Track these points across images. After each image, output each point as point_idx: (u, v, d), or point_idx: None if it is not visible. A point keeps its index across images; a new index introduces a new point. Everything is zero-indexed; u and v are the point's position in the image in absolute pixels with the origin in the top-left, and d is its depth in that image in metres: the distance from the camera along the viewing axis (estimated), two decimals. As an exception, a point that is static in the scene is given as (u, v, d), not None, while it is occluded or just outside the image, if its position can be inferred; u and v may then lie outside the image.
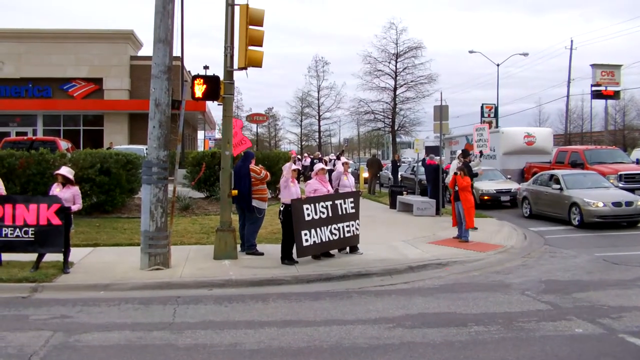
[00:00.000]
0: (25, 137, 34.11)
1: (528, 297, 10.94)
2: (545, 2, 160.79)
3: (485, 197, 26.02)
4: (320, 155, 47.39)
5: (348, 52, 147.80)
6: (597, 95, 56.59)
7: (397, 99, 52.23)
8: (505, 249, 15.76)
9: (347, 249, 14.81)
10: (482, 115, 54.00)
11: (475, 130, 23.96)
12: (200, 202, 23.88)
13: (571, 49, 60.62)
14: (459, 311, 10.04)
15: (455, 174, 16.99)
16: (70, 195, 12.60)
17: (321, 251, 14.02)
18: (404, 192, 25.08)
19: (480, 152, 23.43)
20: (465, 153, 20.89)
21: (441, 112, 23.99)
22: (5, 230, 12.20)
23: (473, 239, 16.69)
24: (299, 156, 51.23)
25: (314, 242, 13.61)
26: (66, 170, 12.91)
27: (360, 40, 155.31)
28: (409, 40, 52.34)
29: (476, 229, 17.44)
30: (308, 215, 13.51)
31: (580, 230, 19.53)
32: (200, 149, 58.20)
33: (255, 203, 14.44)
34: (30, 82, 43.50)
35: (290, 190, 13.63)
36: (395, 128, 53.15)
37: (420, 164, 29.71)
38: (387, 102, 53.25)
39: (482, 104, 55.25)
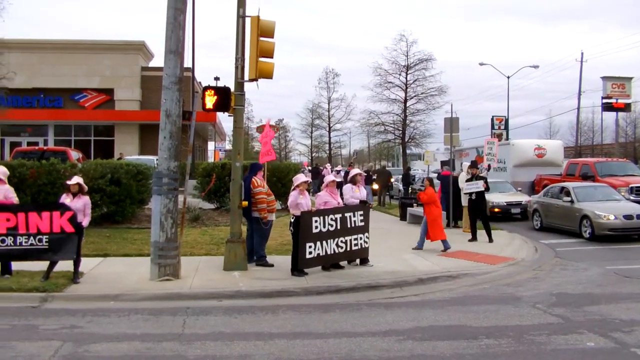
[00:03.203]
0: (36, 147, 34.24)
1: (539, 310, 10.87)
2: (557, 13, 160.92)
3: (496, 210, 25.93)
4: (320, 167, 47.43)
5: (358, 64, 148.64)
6: (607, 107, 56.47)
7: (407, 111, 52.24)
8: (515, 262, 15.68)
9: (357, 260, 14.76)
10: (493, 128, 53.94)
11: (487, 143, 23.90)
12: (210, 213, 23.90)
13: (582, 61, 60.57)
14: (469, 324, 9.97)
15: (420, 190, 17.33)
16: (81, 205, 12.65)
17: (324, 263, 13.99)
18: (415, 204, 25.00)
19: (489, 165, 23.35)
20: (474, 164, 20.86)
21: (451, 124, 23.98)
22: (19, 239, 12.26)
23: (484, 251, 16.64)
24: (309, 168, 51.19)
25: (318, 254, 13.57)
26: (80, 180, 12.96)
27: (370, 52, 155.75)
28: (419, 52, 52.41)
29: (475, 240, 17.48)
30: (316, 227, 13.48)
31: (591, 243, 19.42)
32: (211, 160, 58.36)
33: (255, 214, 14.42)
34: (42, 92, 43.73)
35: (301, 202, 13.63)
36: (406, 140, 53.11)
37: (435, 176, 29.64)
38: (397, 114, 53.27)
39: (493, 116, 55.19)
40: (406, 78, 52.04)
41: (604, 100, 55.64)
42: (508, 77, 54.90)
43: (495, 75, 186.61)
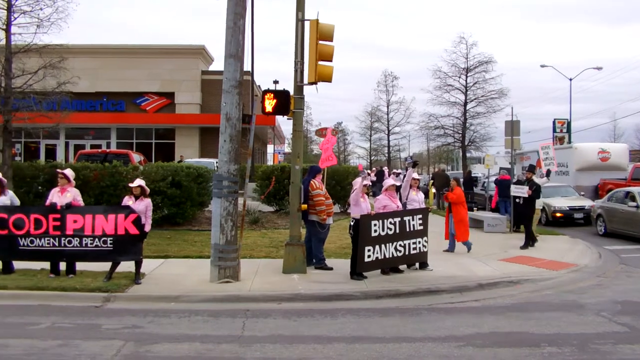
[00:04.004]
0: (99, 150, 34.84)
1: (604, 318, 10.60)
2: (624, 13, 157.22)
3: (558, 214, 25.46)
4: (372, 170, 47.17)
5: (417, 67, 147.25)
6: (674, 110, 54.87)
7: (467, 114, 51.64)
8: (578, 268, 15.36)
9: (417, 265, 14.65)
10: (554, 131, 52.88)
11: (541, 148, 23.39)
12: (270, 215, 24.03)
13: (648, 62, 59.01)
14: (531, 331, 9.78)
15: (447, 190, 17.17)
16: (143, 207, 12.85)
17: (383, 267, 13.93)
18: (474, 209, 24.69)
19: (548, 170, 22.85)
20: (531, 168, 20.50)
21: (512, 128, 23.64)
22: (85, 240, 12.58)
23: (545, 256, 16.35)
24: (369, 171, 51.03)
25: (377, 257, 13.52)
26: (142, 183, 13.17)
27: (429, 55, 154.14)
28: (479, 54, 51.72)
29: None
30: (375, 231, 13.43)
31: (658, 250, 18.87)
32: (270, 163, 58.67)
33: (313, 217, 14.45)
34: (105, 96, 44.53)
35: (361, 205, 13.59)
36: (466, 143, 52.53)
37: (492, 180, 29.26)
38: (457, 117, 52.68)
39: (554, 119, 54.08)
40: (466, 81, 51.45)
41: (671, 103, 54.11)
42: (570, 79, 53.84)
43: (557, 77, 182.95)
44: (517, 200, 19.34)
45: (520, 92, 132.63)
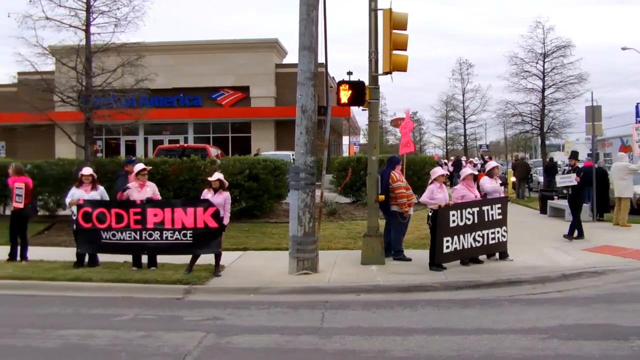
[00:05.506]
0: (177, 145, 35.47)
1: (696, 310, 10.18)
2: None
3: (645, 202, 24.47)
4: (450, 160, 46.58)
5: (492, 54, 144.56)
6: None
7: (545, 100, 50.39)
8: (668, 258, 14.77)
9: (497, 255, 14.39)
10: (637, 115, 51.31)
11: (635, 129, 22.49)
12: (347, 207, 23.98)
13: None
14: (618, 323, 9.42)
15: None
16: (222, 201, 13.01)
17: (461, 258, 13.71)
18: (555, 197, 24.06)
19: None
20: (574, 155, 19.72)
21: (593, 113, 22.94)
22: (166, 234, 12.81)
23: (631, 245, 15.81)
24: (445, 160, 50.51)
25: (455, 248, 13.31)
26: (221, 176, 13.33)
27: (503, 41, 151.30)
28: (556, 39, 50.14)
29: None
30: (453, 221, 13.23)
31: None
32: (345, 154, 58.66)
33: (394, 208, 14.34)
34: (181, 92, 45.32)
35: (439, 195, 13.43)
36: (545, 130, 51.38)
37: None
38: (535, 104, 51.39)
39: (637, 103, 52.47)
40: (543, 66, 50.04)
41: None
42: (654, 62, 52.12)
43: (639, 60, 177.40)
44: (566, 190, 18.60)
45: (601, 76, 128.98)
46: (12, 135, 45.54)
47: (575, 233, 17.22)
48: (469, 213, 13.50)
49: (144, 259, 13.58)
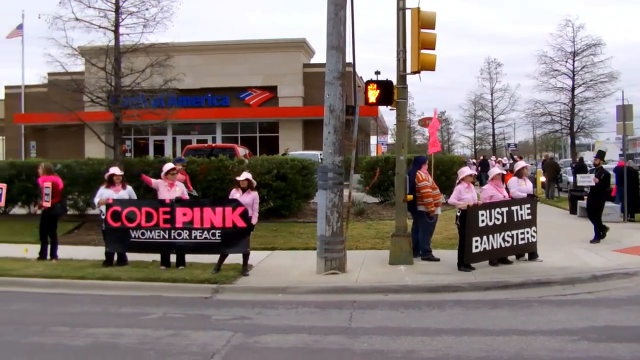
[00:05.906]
0: (205, 145, 35.62)
1: None
2: None
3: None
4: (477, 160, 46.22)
5: (521, 53, 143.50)
6: None
7: (575, 99, 49.88)
8: (702, 259, 14.53)
9: (526, 255, 14.26)
10: (669, 114, 50.63)
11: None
12: (375, 207, 23.90)
13: None
14: (650, 325, 9.33)
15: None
16: (250, 200, 13.03)
17: (490, 258, 13.59)
18: (585, 197, 23.76)
19: None
20: (601, 155, 19.44)
21: (624, 112, 22.67)
22: (194, 233, 12.89)
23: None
24: (474, 160, 50.17)
25: (484, 248, 13.21)
26: (249, 176, 13.36)
27: (532, 40, 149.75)
28: (586, 37, 49.78)
29: None
30: (482, 221, 13.14)
31: None
32: (373, 154, 58.56)
33: (421, 208, 14.28)
34: (209, 92, 45.42)
35: (467, 195, 13.35)
36: (574, 130, 50.82)
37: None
38: (564, 103, 50.98)
39: (669, 102, 51.79)
40: (573, 65, 49.65)
41: None
42: (686, 60, 51.41)
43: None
44: (586, 189, 18.35)
45: (632, 74, 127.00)
46: (42, 135, 46.00)
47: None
48: (498, 213, 13.40)
49: (173, 258, 13.67)
